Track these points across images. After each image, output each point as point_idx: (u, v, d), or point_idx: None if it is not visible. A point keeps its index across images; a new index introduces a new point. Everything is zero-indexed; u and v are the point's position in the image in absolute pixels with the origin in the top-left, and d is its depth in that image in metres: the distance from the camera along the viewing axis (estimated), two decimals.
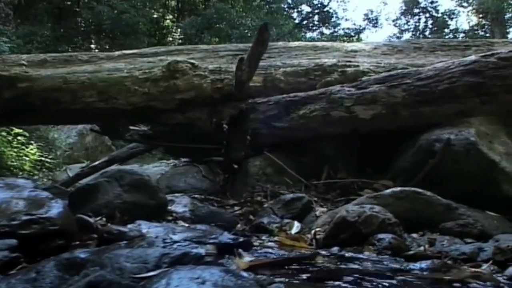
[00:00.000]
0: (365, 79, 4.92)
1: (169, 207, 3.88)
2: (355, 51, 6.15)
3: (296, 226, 3.64)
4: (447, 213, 3.62)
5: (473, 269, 2.52)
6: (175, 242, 2.17)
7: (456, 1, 26.24)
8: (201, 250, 2.21)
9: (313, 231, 3.37)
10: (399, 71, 4.87)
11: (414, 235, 3.40)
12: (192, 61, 5.77)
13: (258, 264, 2.44)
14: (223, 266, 2.13)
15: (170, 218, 3.75)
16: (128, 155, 7.39)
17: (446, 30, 25.61)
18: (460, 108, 4.49)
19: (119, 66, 5.97)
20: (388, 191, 3.73)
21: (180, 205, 3.97)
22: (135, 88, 5.63)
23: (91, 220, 3.18)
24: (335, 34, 26.26)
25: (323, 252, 2.87)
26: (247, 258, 2.54)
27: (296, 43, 6.81)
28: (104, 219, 3.40)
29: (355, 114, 4.74)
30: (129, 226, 3.10)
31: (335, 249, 2.92)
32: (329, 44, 6.65)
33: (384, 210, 3.21)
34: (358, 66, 5.54)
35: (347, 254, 2.81)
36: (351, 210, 3.13)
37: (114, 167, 6.16)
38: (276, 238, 3.37)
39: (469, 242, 3.28)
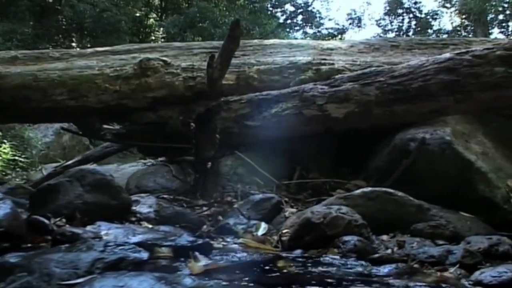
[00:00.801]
0: (338, 77, 4.82)
1: (133, 208, 3.76)
2: (331, 49, 6.03)
3: (263, 228, 3.53)
4: (419, 214, 3.53)
5: (439, 274, 2.42)
6: (118, 245, 2.05)
7: (439, 2, 26.32)
8: (144, 255, 2.10)
9: (279, 233, 3.26)
10: (373, 69, 4.78)
11: (384, 237, 3.31)
12: (165, 58, 5.65)
13: (214, 268, 2.33)
14: (163, 272, 1.98)
15: (133, 219, 3.64)
16: (102, 154, 7.24)
17: (429, 31, 25.64)
18: (434, 106, 4.40)
19: (91, 63, 5.84)
20: (358, 191, 3.64)
21: (145, 205, 3.85)
22: (106, 86, 5.50)
23: (47, 221, 3.08)
24: (318, 34, 26.21)
25: (285, 255, 2.76)
26: (204, 262, 2.42)
27: (271, 41, 6.71)
28: (64, 220, 3.30)
29: (327, 113, 4.64)
30: (88, 227, 3.02)
31: (298, 252, 2.83)
32: (304, 42, 6.57)
33: (351, 211, 3.11)
34: (333, 64, 5.43)
35: (310, 258, 2.70)
36: (316, 211, 3.02)
37: (88, 166, 6.02)
38: (240, 240, 3.26)
39: (440, 244, 3.19)
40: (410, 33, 26.37)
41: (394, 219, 3.46)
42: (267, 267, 2.47)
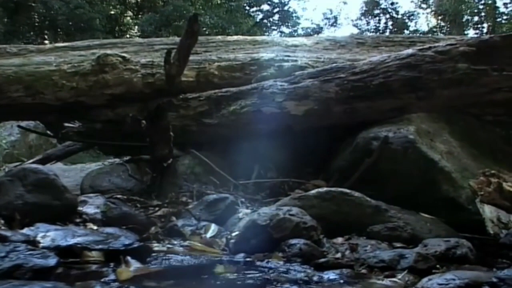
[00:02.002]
0: (298, 73, 4.67)
1: (80, 209, 3.59)
2: (296, 45, 5.90)
3: (212, 230, 3.37)
4: (376, 215, 3.41)
5: (385, 280, 2.27)
6: (30, 250, 1.88)
7: (415, 3, 26.43)
8: (51, 261, 1.93)
9: (226, 236, 3.11)
10: (334, 65, 4.64)
11: (340, 239, 3.18)
12: (124, 54, 5.46)
13: (144, 273, 2.18)
14: (85, 279, 1.83)
15: (78, 220, 3.47)
16: (64, 153, 7.05)
17: (406, 31, 25.68)
18: (395, 104, 4.28)
19: (49, 59, 5.64)
20: (313, 191, 3.50)
21: (92, 206, 3.69)
22: (63, 83, 5.30)
23: None
24: (294, 33, 26.15)
25: (228, 260, 2.61)
26: (134, 267, 2.25)
27: (235, 37, 6.54)
28: (2, 221, 3.11)
29: (287, 110, 4.50)
30: (25, 229, 2.85)
31: (241, 255, 2.67)
32: (269, 38, 6.43)
33: (302, 213, 2.97)
34: (296, 60, 5.29)
35: (252, 262, 2.55)
36: (263, 213, 2.87)
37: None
38: (187, 243, 3.10)
39: (398, 247, 3.08)
40: (387, 34, 26.40)
41: (350, 221, 3.34)
42: (204, 272, 2.33)
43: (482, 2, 21.89)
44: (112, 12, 21.69)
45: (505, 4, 21.41)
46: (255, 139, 4.76)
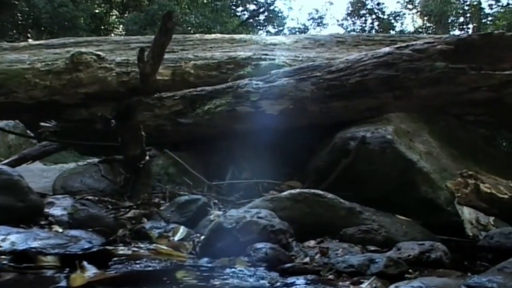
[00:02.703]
0: (274, 72, 4.58)
1: (46, 210, 3.53)
2: (275, 44, 5.83)
3: (181, 232, 3.26)
4: (350, 218, 3.32)
5: (350, 287, 2.17)
6: None
7: (401, 4, 26.41)
8: None
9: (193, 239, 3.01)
10: (310, 63, 4.55)
11: (312, 242, 3.08)
12: (98, 53, 5.37)
13: (99, 279, 2.07)
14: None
15: (44, 222, 3.40)
16: (41, 153, 6.88)
17: (392, 32, 25.65)
18: (372, 103, 4.20)
19: (22, 57, 5.57)
20: (285, 193, 3.41)
21: (59, 208, 3.63)
22: (36, 81, 5.23)
23: None
24: (280, 33, 26.03)
25: (192, 264, 2.50)
26: (90, 272, 2.15)
27: (213, 36, 6.47)
28: None
29: (262, 110, 4.42)
30: None
31: (204, 260, 2.56)
32: (247, 36, 6.34)
33: (271, 216, 2.86)
34: (274, 59, 5.21)
35: (215, 267, 2.44)
36: (229, 216, 2.76)
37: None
38: (153, 246, 2.99)
39: (371, 250, 2.98)
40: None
41: (323, 223, 3.24)
42: (163, 278, 2.21)
43: (468, 3, 21.93)
44: (97, 11, 21.50)
45: (490, 6, 21.54)
46: (231, 139, 4.68)
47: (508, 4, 19.87)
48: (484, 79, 3.99)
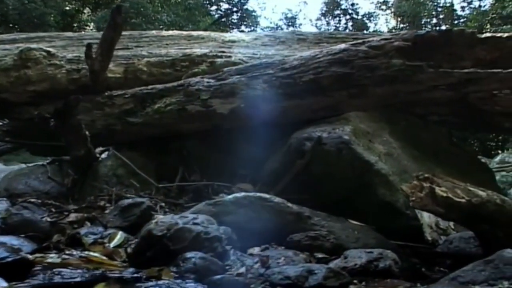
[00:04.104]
0: (226, 69, 4.40)
1: None
2: (233, 41, 5.65)
3: (118, 238, 3.06)
4: (298, 223, 3.16)
5: None
6: None
7: (375, 4, 26.57)
8: None
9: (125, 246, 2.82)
10: (263, 60, 4.39)
11: (256, 249, 2.91)
12: (49, 49, 5.13)
13: None
14: None
15: None
16: None
17: (365, 32, 25.79)
18: (327, 102, 4.05)
19: None
20: (230, 197, 3.24)
21: None
22: None
23: None
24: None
25: (117, 275, 2.30)
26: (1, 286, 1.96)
27: (170, 32, 6.28)
28: None
29: (212, 108, 4.23)
30: None
31: (130, 270, 2.36)
32: (206, 33, 6.15)
33: (208, 221, 2.68)
34: (230, 56, 5.03)
35: (139, 278, 2.25)
36: (160, 222, 2.56)
37: None
38: (85, 253, 2.79)
39: (320, 258, 2.86)
40: None
41: (269, 229, 3.04)
42: None
43: (440, 5, 22.14)
44: (67, 8, 21.20)
45: (462, 8, 21.82)
46: (183, 139, 4.51)
47: (479, 6, 20.16)
48: (442, 77, 3.85)
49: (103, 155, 4.76)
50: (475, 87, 3.92)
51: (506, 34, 4.08)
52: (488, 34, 4.24)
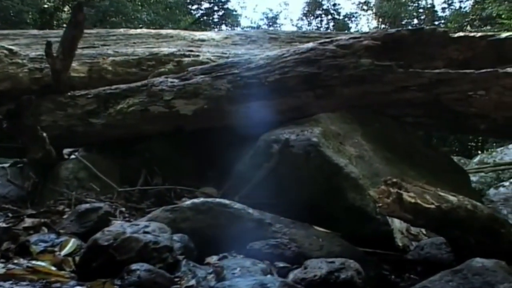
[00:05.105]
0: (191, 69, 4.27)
1: None
2: (203, 40, 5.52)
3: (70, 246, 2.88)
4: (259, 230, 2.99)
5: None
6: None
7: (357, 5, 26.67)
8: None
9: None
10: (229, 59, 4.26)
11: (214, 258, 2.75)
12: (11, 47, 4.95)
13: None
14: None
15: None
16: None
17: (346, 32, 25.95)
18: (293, 103, 3.93)
19: None
20: (188, 202, 3.08)
21: None
22: None
23: None
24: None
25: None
26: None
27: (138, 31, 6.14)
28: None
29: (176, 109, 4.09)
30: None
31: (71, 284, 2.21)
32: (175, 32, 6.00)
33: (160, 230, 2.54)
34: (198, 55, 4.90)
35: None
36: (107, 231, 2.41)
37: None
38: (32, 264, 2.63)
39: (281, 267, 2.70)
40: None
41: (229, 236, 2.90)
42: None
43: (422, 6, 22.30)
44: (46, 6, 20.96)
45: (443, 9, 21.96)
46: (147, 141, 4.37)
47: (460, 7, 20.29)
48: (412, 78, 3.75)
49: (72, 157, 4.63)
50: (447, 88, 3.82)
51: (479, 34, 3.99)
52: (461, 34, 4.14)
